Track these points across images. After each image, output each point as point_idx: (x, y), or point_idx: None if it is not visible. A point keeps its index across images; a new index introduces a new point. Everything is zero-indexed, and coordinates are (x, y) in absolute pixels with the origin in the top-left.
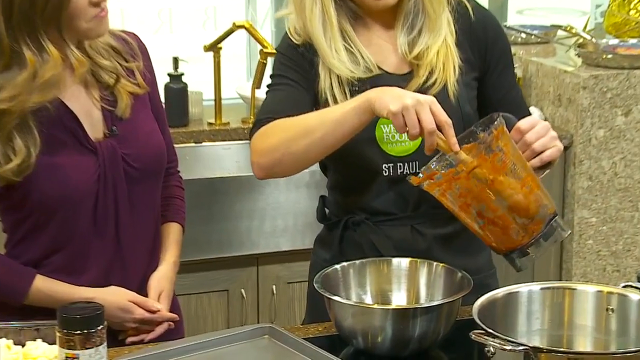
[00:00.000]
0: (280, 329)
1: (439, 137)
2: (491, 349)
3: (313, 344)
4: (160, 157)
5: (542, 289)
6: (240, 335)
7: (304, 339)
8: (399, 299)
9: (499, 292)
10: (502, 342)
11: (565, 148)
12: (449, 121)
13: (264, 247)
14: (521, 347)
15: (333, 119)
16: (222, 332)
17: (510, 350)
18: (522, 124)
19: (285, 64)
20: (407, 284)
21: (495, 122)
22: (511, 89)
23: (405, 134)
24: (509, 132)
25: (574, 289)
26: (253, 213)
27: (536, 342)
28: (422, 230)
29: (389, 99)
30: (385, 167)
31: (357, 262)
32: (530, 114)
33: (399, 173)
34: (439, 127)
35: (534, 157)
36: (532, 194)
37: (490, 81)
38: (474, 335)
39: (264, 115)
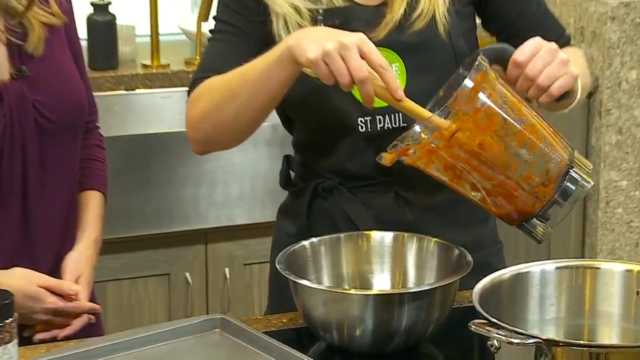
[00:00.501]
0: (235, 321)
1: (376, 85)
2: (495, 342)
3: (276, 339)
4: (81, 107)
5: (557, 268)
6: (185, 329)
7: (264, 332)
8: (381, 282)
9: (505, 272)
10: (508, 334)
11: (589, 94)
12: (385, 62)
13: (214, 221)
14: (532, 340)
15: (255, 76)
16: (162, 326)
17: (518, 344)
18: (519, 54)
19: (229, 5)
20: (391, 263)
21: (476, 64)
22: (528, 3)
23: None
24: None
25: (597, 268)
26: (200, 178)
27: (550, 333)
28: (408, 197)
29: (307, 43)
30: (361, 121)
31: (330, 237)
32: (563, 32)
33: (378, 128)
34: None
35: (542, 94)
36: (535, 148)
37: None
38: (473, 326)
39: (200, 73)
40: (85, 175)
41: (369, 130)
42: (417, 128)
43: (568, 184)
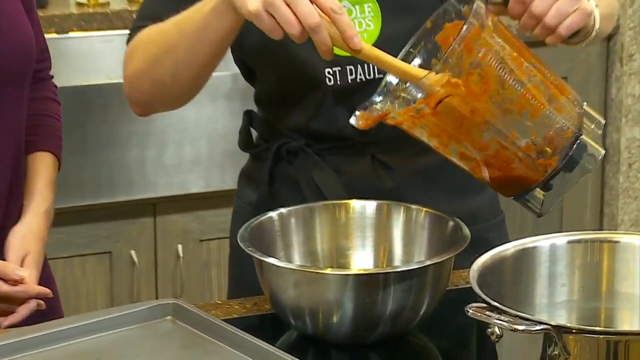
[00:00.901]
0: (189, 306)
1: (334, 33)
2: (496, 329)
3: (238, 328)
4: (28, 53)
5: (570, 242)
6: (130, 316)
7: (224, 320)
8: (362, 260)
9: (508, 247)
10: (512, 320)
11: (609, 37)
12: (337, 5)
13: (164, 189)
14: (540, 327)
15: (192, 28)
16: (103, 313)
17: (524, 331)
18: None
19: None
20: (374, 238)
21: (473, 9)
22: None
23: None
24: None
25: (616, 242)
26: (147, 138)
27: (562, 318)
28: (388, 161)
29: None
30: (328, 72)
31: (303, 207)
32: None
33: (349, 80)
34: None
35: (549, 35)
36: (537, 115)
37: None
38: (471, 311)
39: (138, 21)
40: (35, 133)
41: (338, 83)
42: (392, 81)
43: (574, 154)
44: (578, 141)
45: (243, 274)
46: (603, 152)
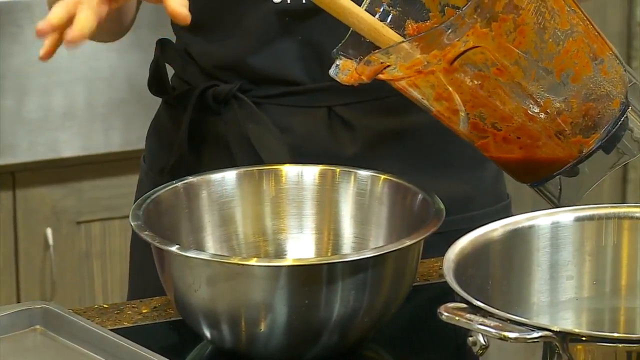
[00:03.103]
0: (64, 312)
1: None
2: (480, 338)
3: (130, 341)
4: None
5: (578, 219)
6: None
7: (112, 331)
8: (300, 246)
9: (495, 227)
10: (501, 326)
11: None
12: None
13: (25, 153)
14: (538, 334)
15: None
16: None
17: (517, 339)
18: None
19: None
20: (316, 216)
21: None
22: None
23: None
24: None
25: (639, 219)
26: (1, 82)
27: (567, 322)
28: (349, 118)
29: None
30: None
31: (216, 175)
32: None
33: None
34: None
35: None
36: (580, 79)
37: None
38: (446, 314)
39: None
40: None
41: (288, 1)
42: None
43: (618, 131)
44: (625, 115)
45: (145, 268)
46: None
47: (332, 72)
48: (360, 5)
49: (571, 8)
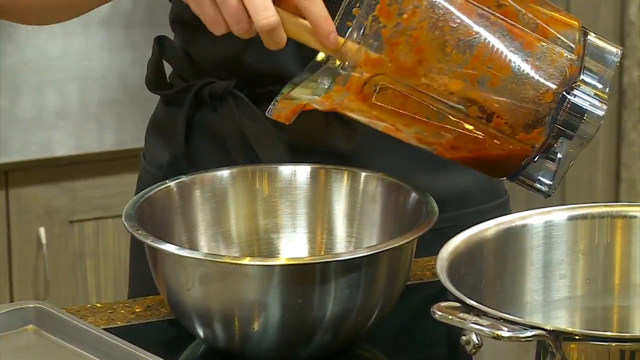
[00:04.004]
0: (57, 312)
1: (295, 27)
2: (474, 337)
3: (124, 340)
4: None
5: (571, 218)
6: None
7: (105, 330)
8: (293, 245)
9: (489, 226)
10: (494, 324)
11: None
12: None
13: (18, 152)
14: (532, 332)
15: None
16: None
17: (510, 338)
18: None
19: None
20: (309, 215)
21: None
22: None
23: None
24: None
25: (632, 218)
26: None
27: (561, 321)
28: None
29: None
30: None
31: (210, 173)
32: None
33: None
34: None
35: None
36: (498, 82)
37: None
38: (439, 313)
39: None
40: None
41: None
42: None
43: (569, 118)
44: (566, 103)
45: (144, 267)
46: (603, 112)
47: (268, 111)
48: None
49: (488, 9)
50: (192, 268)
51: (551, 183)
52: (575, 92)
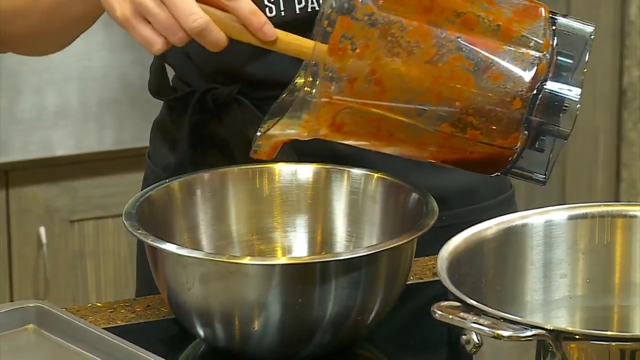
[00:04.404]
0: (57, 311)
1: (228, 24)
2: (474, 336)
3: (124, 339)
4: None
5: (571, 218)
6: None
7: (106, 329)
8: (293, 245)
9: (489, 226)
10: (494, 324)
11: None
12: None
13: (18, 151)
14: (532, 332)
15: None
16: None
17: (510, 337)
18: None
19: None
20: (309, 215)
21: (321, 14)
22: None
23: None
24: None
25: (632, 217)
26: None
27: (561, 320)
28: None
29: None
30: (268, 0)
31: (211, 173)
32: None
33: (297, 11)
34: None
35: None
36: (463, 98)
37: None
38: (439, 312)
39: None
40: None
41: (282, 14)
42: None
43: (544, 117)
44: (537, 104)
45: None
46: (578, 99)
47: (251, 153)
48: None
49: (445, 18)
50: (192, 267)
51: (545, 172)
52: (545, 90)
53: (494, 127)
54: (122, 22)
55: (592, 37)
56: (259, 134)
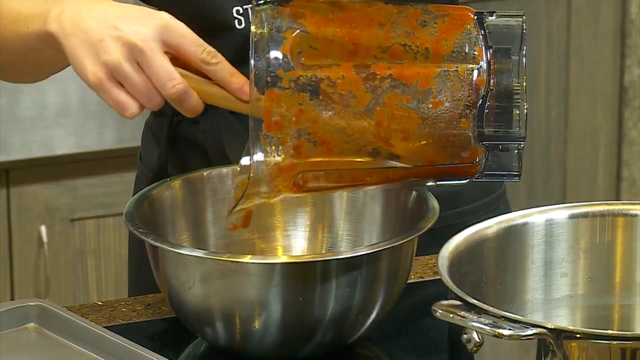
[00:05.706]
0: (58, 310)
1: (206, 90)
2: (475, 335)
3: (124, 338)
4: None
5: (572, 217)
6: None
7: (106, 328)
8: (294, 243)
9: (490, 225)
10: (495, 323)
11: None
12: (208, 51)
13: (19, 150)
14: (532, 331)
15: (7, 38)
16: None
17: (511, 336)
18: None
19: None
20: (309, 214)
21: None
22: None
23: None
24: None
25: (634, 216)
26: None
27: (562, 319)
28: None
29: (81, 51)
30: (237, 12)
31: (211, 171)
32: None
33: None
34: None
35: None
36: (411, 134)
37: None
38: (440, 311)
39: None
40: None
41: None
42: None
43: (495, 133)
44: (485, 117)
45: (145, 265)
46: (524, 100)
47: (226, 227)
48: None
49: (374, 59)
50: (193, 266)
51: (517, 168)
52: (489, 100)
53: (449, 150)
54: (95, 85)
55: (525, 25)
56: (229, 213)
